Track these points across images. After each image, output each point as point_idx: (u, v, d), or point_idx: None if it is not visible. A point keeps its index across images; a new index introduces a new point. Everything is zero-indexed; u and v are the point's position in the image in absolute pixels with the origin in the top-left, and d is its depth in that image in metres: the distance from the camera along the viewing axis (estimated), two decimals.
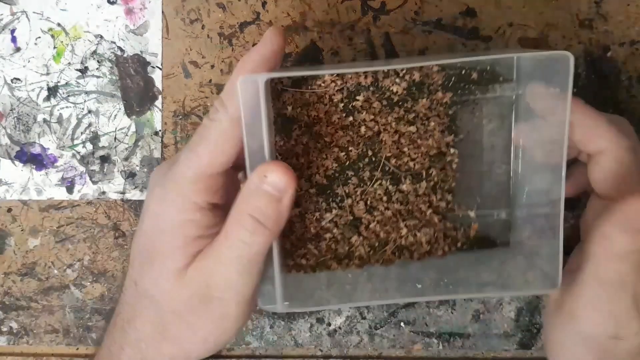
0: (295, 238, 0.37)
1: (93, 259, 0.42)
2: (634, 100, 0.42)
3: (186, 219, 0.33)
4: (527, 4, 0.42)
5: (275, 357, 0.42)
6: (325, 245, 0.38)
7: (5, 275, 0.42)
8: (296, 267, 0.37)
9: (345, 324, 0.41)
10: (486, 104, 0.39)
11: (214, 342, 0.35)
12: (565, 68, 0.32)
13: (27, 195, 0.42)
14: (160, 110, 0.43)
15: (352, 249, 0.38)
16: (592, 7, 0.42)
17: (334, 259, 0.38)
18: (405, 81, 0.37)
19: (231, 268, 0.32)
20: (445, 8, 0.42)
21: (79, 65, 0.43)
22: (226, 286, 0.33)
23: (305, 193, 0.37)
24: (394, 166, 0.37)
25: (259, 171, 0.32)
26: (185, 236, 0.33)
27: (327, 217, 0.38)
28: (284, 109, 0.36)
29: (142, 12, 0.43)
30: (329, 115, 0.37)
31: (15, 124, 0.43)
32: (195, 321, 0.34)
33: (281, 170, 0.32)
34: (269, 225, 0.32)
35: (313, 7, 0.42)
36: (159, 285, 0.34)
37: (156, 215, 0.34)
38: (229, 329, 0.35)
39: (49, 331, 0.42)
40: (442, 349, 0.41)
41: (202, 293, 0.33)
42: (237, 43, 0.42)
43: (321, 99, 0.36)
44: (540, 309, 0.41)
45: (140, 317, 0.35)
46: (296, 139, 0.37)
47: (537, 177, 0.37)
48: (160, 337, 0.35)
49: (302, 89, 0.36)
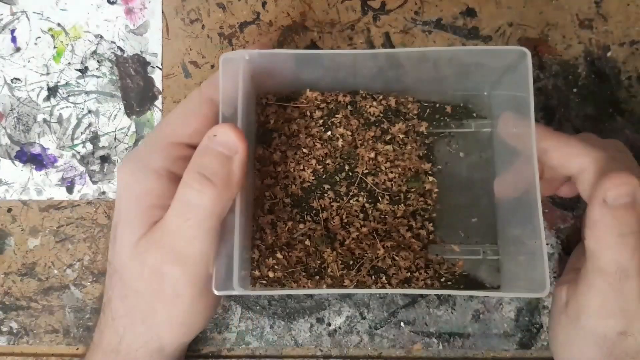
0: (264, 247, 0.36)
1: (93, 259, 0.42)
2: (634, 100, 0.42)
3: (142, 188, 0.32)
4: (527, 4, 0.42)
5: (275, 357, 0.42)
6: (295, 256, 0.36)
7: (5, 275, 0.42)
8: (262, 279, 0.35)
9: (345, 324, 0.41)
10: (463, 137, 0.39)
11: (180, 324, 0.33)
12: (524, 67, 0.31)
13: (27, 195, 0.42)
14: (160, 110, 0.43)
15: (325, 265, 0.36)
16: (592, 7, 0.42)
17: (304, 272, 0.36)
18: (382, 105, 0.38)
19: (178, 237, 0.31)
20: (445, 8, 0.42)
21: (79, 65, 0.43)
22: (175, 260, 0.31)
23: (280, 202, 0.37)
24: (372, 183, 0.37)
25: (209, 132, 0.31)
26: (141, 205, 0.32)
27: (301, 228, 0.37)
28: (266, 122, 0.37)
29: (142, 12, 0.43)
30: (309, 129, 0.38)
31: (15, 124, 0.43)
32: (153, 301, 0.32)
33: (231, 129, 0.30)
34: (217, 183, 0.30)
35: (313, 7, 0.42)
36: (121, 259, 0.33)
37: (121, 188, 0.34)
38: (188, 312, 0.33)
39: (49, 331, 0.42)
40: (442, 349, 0.41)
41: (155, 269, 0.31)
42: (237, 43, 0.42)
43: (302, 115, 0.37)
44: (540, 309, 0.41)
45: (114, 296, 0.34)
46: (275, 147, 0.37)
47: (519, 208, 0.35)
48: (131, 316, 0.33)
49: (284, 104, 0.37)
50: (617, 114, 0.42)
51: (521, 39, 0.42)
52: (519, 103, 0.33)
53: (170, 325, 0.33)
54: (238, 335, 0.41)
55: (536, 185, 0.31)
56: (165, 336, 0.34)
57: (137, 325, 0.33)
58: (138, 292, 0.32)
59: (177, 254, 0.31)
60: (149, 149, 0.34)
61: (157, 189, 0.32)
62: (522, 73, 0.32)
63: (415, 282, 0.36)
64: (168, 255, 0.31)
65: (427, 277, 0.37)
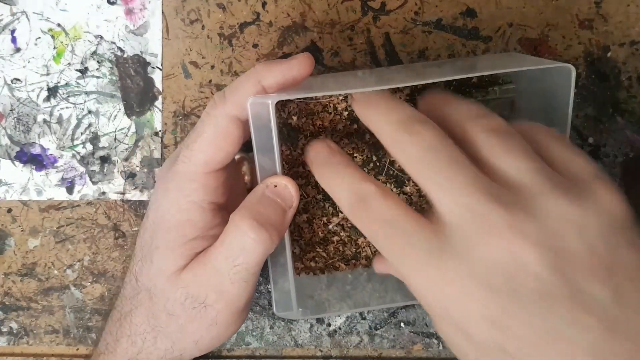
0: (304, 243, 0.38)
1: (93, 259, 0.42)
2: (634, 101, 0.42)
3: (185, 218, 0.33)
4: (527, 4, 0.42)
5: (275, 358, 0.42)
6: (332, 247, 0.38)
7: (5, 275, 0.42)
8: (305, 270, 0.38)
9: (345, 324, 0.41)
10: (486, 105, 0.39)
11: (205, 345, 0.35)
12: (566, 81, 0.32)
13: (27, 195, 0.42)
14: (160, 111, 0.43)
15: (359, 250, 0.38)
16: (592, 7, 0.42)
17: (341, 261, 0.38)
18: (408, 87, 0.37)
19: (226, 278, 0.32)
20: (445, 8, 0.42)
21: (79, 66, 0.43)
22: (219, 297, 0.33)
23: (312, 199, 0.38)
24: (397, 170, 0.38)
25: (268, 181, 0.32)
26: (183, 236, 0.33)
27: (334, 220, 0.38)
28: (289, 118, 0.36)
29: (142, 13, 0.43)
30: (334, 123, 0.37)
31: (15, 124, 0.43)
32: (187, 325, 0.34)
33: (290, 183, 0.32)
34: (272, 233, 0.31)
35: (313, 7, 0.42)
36: (155, 283, 0.34)
37: (158, 212, 0.34)
38: (220, 335, 0.35)
39: (49, 331, 0.42)
40: (442, 349, 0.41)
41: (195, 299, 0.33)
42: (237, 43, 0.42)
43: (326, 108, 0.37)
44: None
45: (137, 310, 0.35)
46: (302, 149, 0.37)
47: None
48: (155, 333, 0.35)
49: (306, 99, 0.36)
50: (617, 114, 0.42)
51: (521, 40, 0.42)
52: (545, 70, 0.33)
53: (198, 344, 0.35)
54: (238, 335, 0.41)
55: None
56: (188, 352, 0.35)
57: (161, 340, 0.35)
58: (171, 315, 0.34)
59: (221, 291, 0.33)
60: (187, 178, 0.33)
61: (200, 221, 0.33)
62: (564, 90, 0.32)
63: None
64: (212, 292, 0.33)
65: None
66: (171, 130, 0.43)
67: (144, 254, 0.35)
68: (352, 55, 0.42)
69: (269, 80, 0.31)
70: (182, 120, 0.42)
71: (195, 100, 0.42)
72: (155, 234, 0.34)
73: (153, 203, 0.35)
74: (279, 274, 0.34)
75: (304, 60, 0.32)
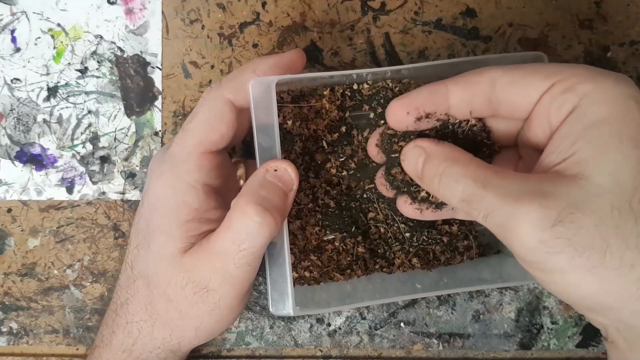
0: (298, 251, 0.37)
1: (93, 259, 0.42)
2: None
3: (180, 201, 0.33)
4: (527, 4, 0.42)
5: (275, 358, 0.42)
6: (327, 256, 0.37)
7: (5, 275, 0.42)
8: (300, 281, 0.37)
9: (345, 324, 0.41)
10: None
11: (205, 332, 0.35)
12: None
13: (27, 195, 0.42)
14: (160, 111, 0.43)
15: (354, 259, 0.38)
16: (592, 7, 0.42)
17: (336, 270, 0.38)
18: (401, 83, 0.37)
19: (230, 262, 0.32)
20: (445, 8, 0.42)
21: (78, 66, 0.43)
22: (223, 280, 0.33)
23: (305, 207, 0.37)
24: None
25: (268, 165, 0.32)
26: (179, 218, 0.33)
27: (328, 232, 0.38)
28: (284, 123, 0.37)
29: (142, 12, 0.43)
30: (328, 127, 0.37)
31: (15, 124, 0.43)
32: (188, 310, 0.34)
33: (290, 167, 0.32)
34: (276, 216, 0.31)
35: (313, 7, 0.42)
36: (154, 267, 0.34)
37: (153, 197, 0.34)
38: (221, 321, 0.35)
39: (49, 331, 0.42)
40: (442, 349, 0.41)
41: (197, 284, 0.33)
42: (237, 43, 0.42)
43: (319, 114, 0.37)
44: (541, 309, 0.41)
45: (133, 299, 0.35)
46: (297, 154, 0.37)
47: None
48: (152, 321, 0.34)
49: (299, 104, 0.37)
50: None
51: (521, 39, 0.42)
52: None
53: (197, 331, 0.35)
54: (238, 335, 0.41)
55: None
56: (187, 340, 0.35)
57: (158, 329, 0.34)
58: (170, 300, 0.34)
59: (226, 275, 0.33)
60: (181, 159, 0.34)
61: (195, 202, 0.33)
62: None
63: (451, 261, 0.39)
64: (217, 275, 0.33)
65: (457, 254, 0.39)
66: (171, 130, 0.43)
67: (140, 240, 0.35)
68: (352, 55, 0.42)
69: (262, 67, 0.33)
70: (182, 120, 0.42)
71: (195, 100, 0.42)
72: (151, 219, 0.34)
73: (148, 189, 0.35)
74: (277, 273, 0.34)
75: (295, 52, 0.34)
